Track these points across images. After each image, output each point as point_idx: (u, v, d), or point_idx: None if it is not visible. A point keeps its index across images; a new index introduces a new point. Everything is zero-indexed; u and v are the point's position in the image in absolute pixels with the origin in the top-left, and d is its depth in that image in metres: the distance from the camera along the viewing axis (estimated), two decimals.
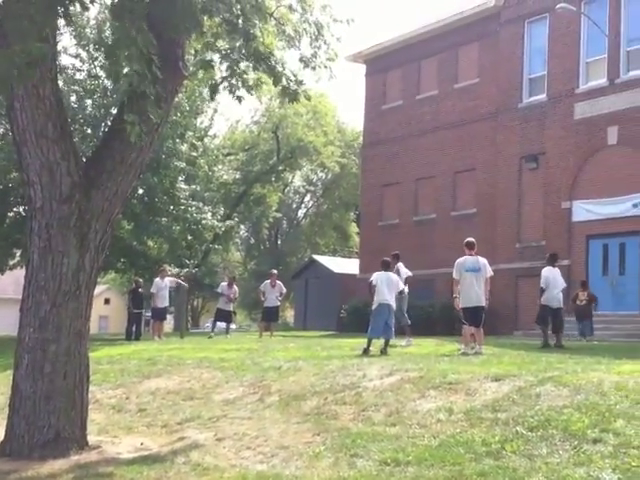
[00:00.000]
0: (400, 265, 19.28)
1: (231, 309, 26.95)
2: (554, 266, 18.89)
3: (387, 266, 16.55)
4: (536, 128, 29.60)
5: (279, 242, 72.41)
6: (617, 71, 27.37)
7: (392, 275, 16.72)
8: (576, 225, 28.08)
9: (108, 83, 30.22)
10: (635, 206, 26.34)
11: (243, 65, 10.30)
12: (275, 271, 28.10)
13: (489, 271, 15.72)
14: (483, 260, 15.72)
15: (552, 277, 18.45)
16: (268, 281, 26.36)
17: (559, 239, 28.29)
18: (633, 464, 6.99)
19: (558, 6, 27.13)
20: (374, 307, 16.09)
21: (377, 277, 16.15)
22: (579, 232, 28.00)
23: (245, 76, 10.34)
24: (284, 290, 26.88)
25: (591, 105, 27.89)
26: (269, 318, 26.60)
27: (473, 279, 15.38)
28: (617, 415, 8.18)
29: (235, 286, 27.55)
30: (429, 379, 10.88)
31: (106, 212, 9.85)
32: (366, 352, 15.43)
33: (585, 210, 27.81)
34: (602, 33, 27.62)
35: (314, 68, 10.92)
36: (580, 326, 22.56)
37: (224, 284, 27.45)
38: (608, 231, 27.00)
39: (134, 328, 26.82)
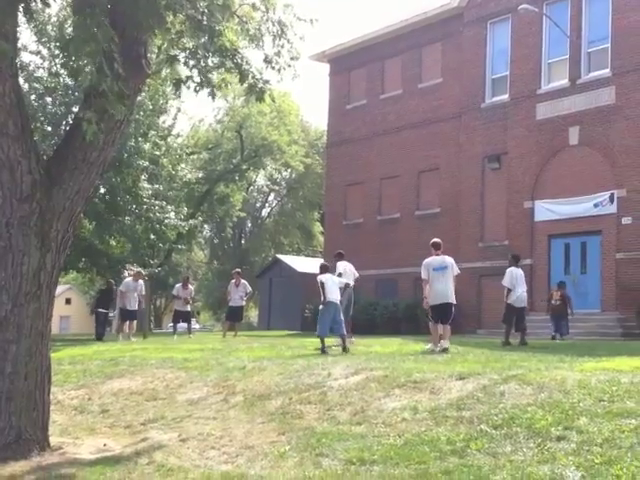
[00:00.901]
0: (345, 264, 19.07)
1: (189, 309, 26.76)
2: (517, 266, 19.16)
3: (327, 270, 17.16)
4: (499, 128, 29.82)
5: (243, 241, 72.24)
6: (578, 72, 27.65)
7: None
8: (538, 225, 28.33)
9: (69, 81, 29.93)
10: (596, 206, 26.63)
11: (208, 62, 10.21)
12: (239, 270, 27.83)
13: (456, 270, 15.95)
14: (450, 259, 15.99)
15: (516, 277, 18.73)
16: (233, 280, 26.18)
17: (521, 238, 28.53)
18: (596, 461, 7.05)
19: (520, 7, 27.35)
20: (321, 307, 16.42)
21: (327, 277, 16.58)
22: (541, 231, 28.25)
23: (210, 75, 10.25)
24: (249, 289, 26.48)
25: (553, 105, 28.16)
26: (233, 318, 26.35)
27: (441, 277, 15.64)
28: (580, 413, 8.24)
29: (190, 286, 27.23)
30: (394, 378, 10.88)
31: (67, 211, 9.71)
32: (324, 351, 15.56)
33: (547, 210, 28.06)
34: (564, 34, 27.89)
35: (279, 70, 10.86)
36: (555, 325, 22.89)
37: (178, 285, 27.00)
38: (570, 230, 27.27)
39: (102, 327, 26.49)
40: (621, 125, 26.17)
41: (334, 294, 16.31)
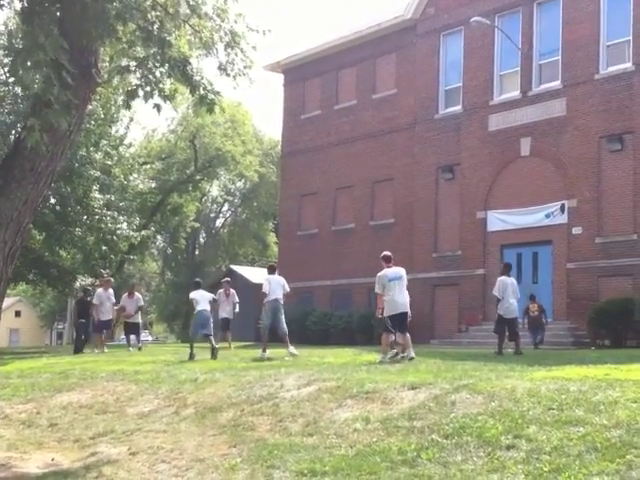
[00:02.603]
0: (272, 278, 18.92)
1: (138, 320, 25.70)
2: (509, 276, 18.79)
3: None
4: (452, 139, 30.06)
5: (197, 252, 71.84)
6: (529, 84, 28.02)
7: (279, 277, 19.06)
8: (491, 235, 28.59)
9: (19, 90, 29.55)
10: (547, 216, 26.96)
11: (158, 73, 10.13)
12: (228, 279, 26.72)
13: (406, 280, 16.03)
14: (403, 270, 16.18)
15: (507, 287, 18.29)
16: (221, 290, 24.80)
17: (474, 248, 28.77)
18: (545, 469, 7.10)
19: (472, 20, 27.66)
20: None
21: (196, 294, 19.72)
22: (494, 241, 28.51)
23: (160, 85, 10.17)
24: (237, 300, 25.02)
25: (505, 117, 28.48)
26: (225, 328, 24.92)
27: (397, 287, 15.69)
28: (530, 421, 8.30)
29: (137, 295, 26.00)
30: (346, 388, 10.88)
31: (15, 222, 9.54)
32: (192, 356, 18.43)
33: (499, 220, 28.34)
34: (515, 47, 28.26)
35: (234, 77, 10.82)
36: (534, 335, 23.33)
37: (124, 295, 25.94)
38: (521, 240, 27.55)
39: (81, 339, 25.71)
40: (572, 136, 26.55)
41: (203, 306, 19.47)
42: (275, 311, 18.23)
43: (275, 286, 18.47)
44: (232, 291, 25.08)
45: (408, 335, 15.74)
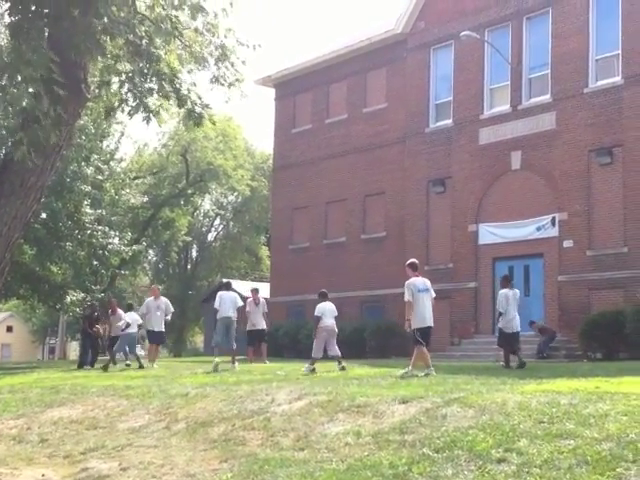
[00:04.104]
0: (224, 295, 19.98)
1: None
2: (510, 288, 18.19)
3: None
4: (443, 153, 30.14)
5: (189, 266, 71.71)
6: (519, 98, 28.13)
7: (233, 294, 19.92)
8: (482, 248, 28.63)
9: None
10: (538, 229, 27.03)
11: (146, 87, 10.15)
12: (257, 288, 24.65)
13: (433, 292, 15.72)
14: (428, 281, 15.75)
15: (508, 300, 17.79)
16: (250, 299, 22.84)
17: (466, 261, 28.80)
18: None
19: (462, 34, 27.79)
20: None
21: (127, 315, 23.01)
22: (485, 254, 28.55)
23: (145, 100, 10.18)
24: (266, 309, 23.13)
25: (495, 130, 28.58)
26: (258, 340, 22.93)
27: (426, 299, 15.29)
28: (520, 434, 8.29)
29: (120, 312, 24.89)
30: (338, 402, 10.86)
31: (4, 237, 9.53)
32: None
33: (491, 233, 28.38)
34: (505, 61, 28.39)
35: (229, 86, 10.86)
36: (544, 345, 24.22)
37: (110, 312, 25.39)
38: (513, 253, 27.59)
39: (90, 353, 25.14)
40: (561, 150, 26.65)
41: (132, 328, 22.44)
42: (227, 328, 19.26)
43: (227, 303, 19.19)
44: (262, 300, 23.24)
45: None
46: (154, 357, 23.44)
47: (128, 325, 22.91)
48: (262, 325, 22.61)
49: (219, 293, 19.77)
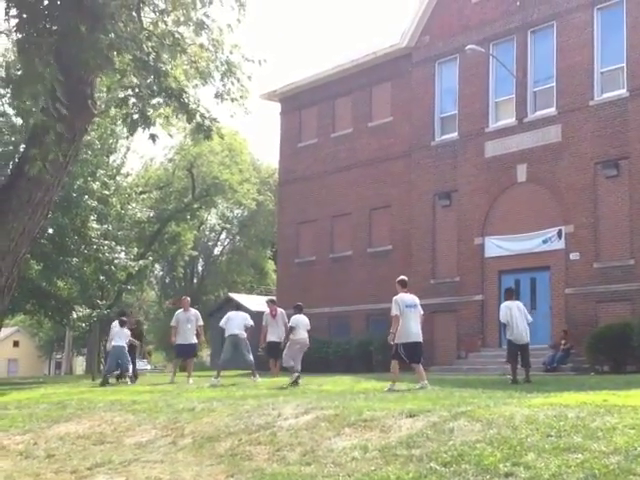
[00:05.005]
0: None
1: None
2: (513, 300, 17.97)
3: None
4: (448, 166, 30.16)
5: (195, 280, 71.75)
6: (525, 111, 28.17)
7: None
8: (488, 261, 28.60)
9: (16, 120, 29.65)
10: (545, 242, 27.01)
11: (154, 102, 10.22)
12: (273, 298, 23.92)
13: (420, 310, 15.92)
14: (417, 298, 16.02)
15: (512, 311, 17.47)
16: (267, 312, 21.68)
17: (472, 275, 28.77)
18: None
19: (467, 48, 27.87)
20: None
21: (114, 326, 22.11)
22: (491, 267, 28.51)
23: (155, 112, 10.26)
24: (286, 320, 20.74)
25: (501, 143, 28.60)
26: (275, 354, 21.35)
27: (413, 315, 15.53)
28: (528, 448, 8.25)
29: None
30: (344, 417, 10.82)
31: (12, 252, 9.57)
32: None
33: (497, 246, 28.37)
34: (510, 74, 28.44)
35: (233, 100, 10.92)
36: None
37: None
38: (519, 266, 27.56)
39: (129, 367, 23.37)
40: (567, 162, 26.66)
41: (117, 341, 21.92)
42: (235, 345, 19.46)
43: (235, 322, 19.52)
44: (280, 310, 21.63)
45: (421, 366, 15.64)
46: (189, 372, 21.84)
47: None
48: (279, 337, 21.08)
49: (228, 313, 19.89)
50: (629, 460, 7.50)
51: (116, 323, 22.77)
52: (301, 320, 18.80)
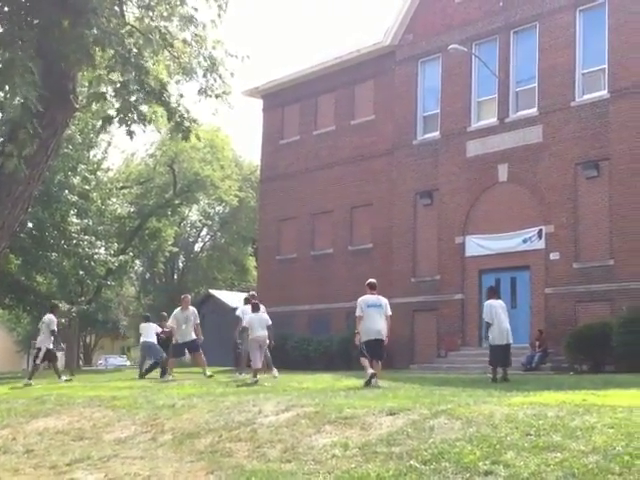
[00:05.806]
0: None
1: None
2: (497, 299, 18.12)
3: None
4: (430, 165, 30.23)
5: (175, 276, 71.50)
6: (507, 110, 28.27)
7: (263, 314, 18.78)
8: (469, 260, 28.69)
9: None
10: (525, 241, 27.12)
11: (135, 98, 10.16)
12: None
13: (389, 310, 16.04)
14: (384, 299, 16.19)
15: (496, 311, 17.63)
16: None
17: (453, 273, 28.85)
18: None
19: (450, 47, 27.95)
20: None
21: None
22: (472, 266, 28.61)
23: (140, 108, 10.20)
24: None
25: (482, 143, 28.69)
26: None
27: (375, 314, 15.75)
28: (508, 447, 8.29)
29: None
30: (325, 414, 10.82)
31: None
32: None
33: (477, 245, 28.46)
34: (492, 74, 28.54)
35: (217, 96, 10.87)
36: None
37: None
38: (500, 265, 27.66)
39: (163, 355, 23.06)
40: (548, 163, 26.79)
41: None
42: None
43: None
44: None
45: (379, 364, 15.85)
46: (203, 366, 21.42)
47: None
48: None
49: (250, 315, 18.92)
50: (608, 459, 7.55)
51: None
52: (255, 319, 18.39)
